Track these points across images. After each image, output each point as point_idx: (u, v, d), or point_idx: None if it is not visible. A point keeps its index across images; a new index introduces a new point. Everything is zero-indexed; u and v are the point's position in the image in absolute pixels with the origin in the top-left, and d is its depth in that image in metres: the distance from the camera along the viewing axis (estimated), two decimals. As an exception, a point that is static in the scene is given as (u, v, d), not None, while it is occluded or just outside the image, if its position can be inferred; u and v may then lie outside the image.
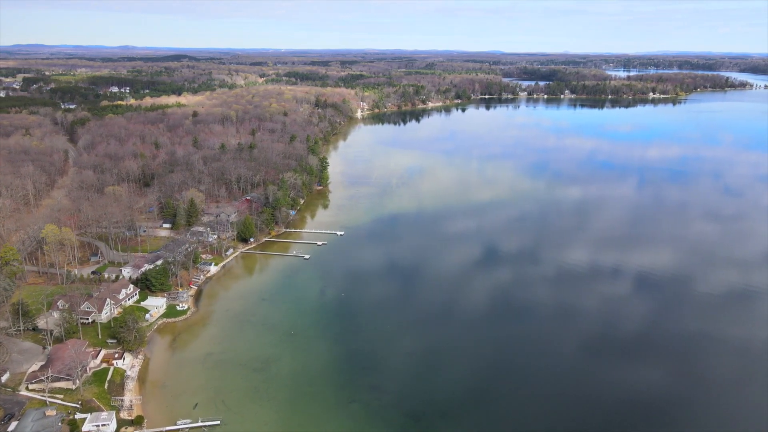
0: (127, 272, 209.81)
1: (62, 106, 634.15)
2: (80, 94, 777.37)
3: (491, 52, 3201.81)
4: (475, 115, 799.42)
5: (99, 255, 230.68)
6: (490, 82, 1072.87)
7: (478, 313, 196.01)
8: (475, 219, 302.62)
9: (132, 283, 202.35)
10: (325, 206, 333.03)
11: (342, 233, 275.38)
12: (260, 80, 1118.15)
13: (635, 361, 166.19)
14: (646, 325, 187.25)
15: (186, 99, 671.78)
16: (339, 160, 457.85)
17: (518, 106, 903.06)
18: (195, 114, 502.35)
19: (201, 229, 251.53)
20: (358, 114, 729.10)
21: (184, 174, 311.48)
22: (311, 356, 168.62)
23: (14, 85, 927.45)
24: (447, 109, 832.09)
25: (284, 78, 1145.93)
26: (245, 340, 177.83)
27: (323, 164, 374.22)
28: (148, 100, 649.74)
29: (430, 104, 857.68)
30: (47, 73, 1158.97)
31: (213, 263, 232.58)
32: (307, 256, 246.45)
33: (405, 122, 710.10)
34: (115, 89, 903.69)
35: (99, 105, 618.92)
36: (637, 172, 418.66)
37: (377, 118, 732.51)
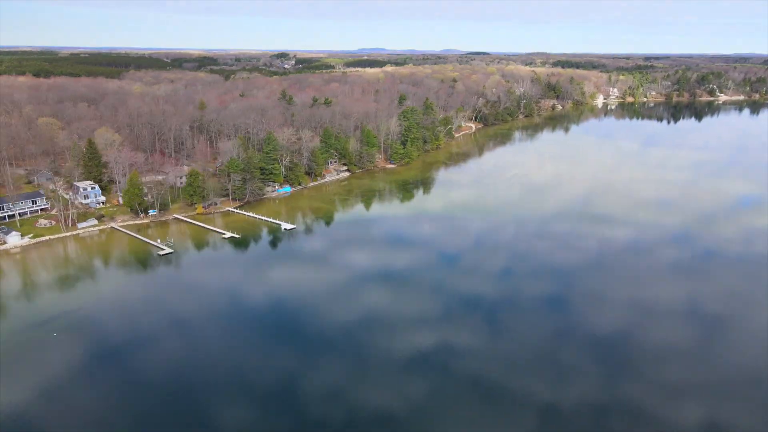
0: None
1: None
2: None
3: None
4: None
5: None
6: None
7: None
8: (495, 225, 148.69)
9: None
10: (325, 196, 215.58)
11: (293, 227, 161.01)
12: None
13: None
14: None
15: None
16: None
17: None
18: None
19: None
20: (599, 102, 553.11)
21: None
22: None
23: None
24: (754, 106, 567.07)
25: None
26: None
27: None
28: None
29: (723, 97, 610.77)
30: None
31: (20, 233, 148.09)
32: (167, 250, 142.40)
33: (676, 119, 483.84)
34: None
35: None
36: None
37: (628, 109, 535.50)
